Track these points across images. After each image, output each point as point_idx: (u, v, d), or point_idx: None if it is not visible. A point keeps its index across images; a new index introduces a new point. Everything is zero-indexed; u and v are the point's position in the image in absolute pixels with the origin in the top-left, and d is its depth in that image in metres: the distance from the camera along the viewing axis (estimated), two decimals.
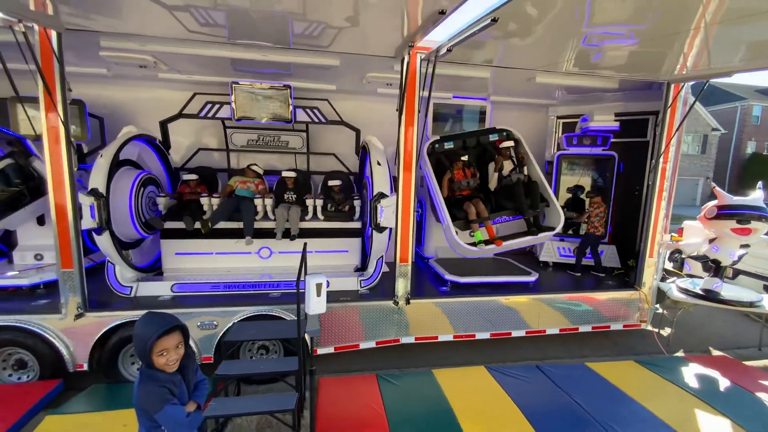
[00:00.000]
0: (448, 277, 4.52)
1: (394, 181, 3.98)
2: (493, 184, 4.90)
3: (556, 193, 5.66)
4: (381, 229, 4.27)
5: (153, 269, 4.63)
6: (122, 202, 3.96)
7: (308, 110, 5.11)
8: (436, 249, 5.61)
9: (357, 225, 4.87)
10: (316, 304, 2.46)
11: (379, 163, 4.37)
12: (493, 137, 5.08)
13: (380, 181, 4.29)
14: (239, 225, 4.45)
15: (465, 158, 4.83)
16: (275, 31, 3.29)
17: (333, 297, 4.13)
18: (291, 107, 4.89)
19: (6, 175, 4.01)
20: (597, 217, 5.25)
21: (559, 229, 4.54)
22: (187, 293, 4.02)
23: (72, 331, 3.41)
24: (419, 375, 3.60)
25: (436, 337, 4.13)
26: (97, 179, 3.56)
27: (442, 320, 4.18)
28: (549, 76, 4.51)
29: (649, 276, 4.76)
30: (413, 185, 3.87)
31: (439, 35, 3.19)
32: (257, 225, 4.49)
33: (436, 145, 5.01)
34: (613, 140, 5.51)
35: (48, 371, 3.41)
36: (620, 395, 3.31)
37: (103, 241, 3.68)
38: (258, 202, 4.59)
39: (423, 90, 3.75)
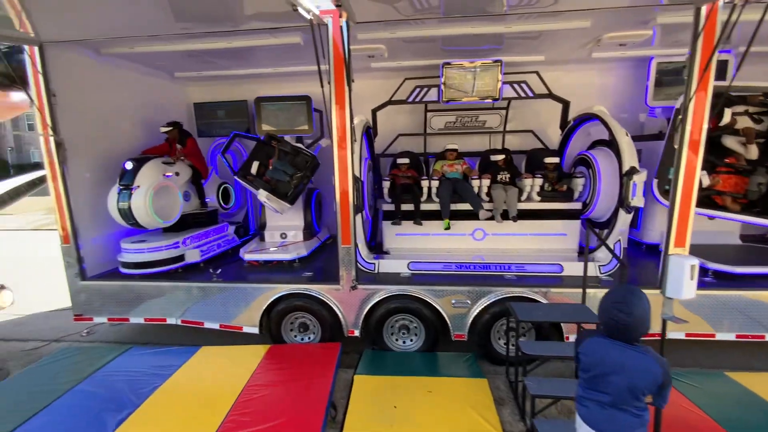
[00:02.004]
0: (713, 265, 3.83)
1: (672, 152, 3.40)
2: None
3: None
4: (630, 209, 3.82)
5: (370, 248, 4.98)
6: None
7: (515, 85, 4.83)
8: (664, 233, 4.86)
9: (577, 206, 4.48)
10: (687, 288, 2.21)
11: (626, 134, 3.89)
12: None
13: (630, 154, 3.82)
14: (454, 207, 4.45)
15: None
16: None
17: (568, 282, 3.87)
18: (500, 83, 4.68)
19: (284, 166, 4.60)
20: None
21: None
22: (423, 271, 4.18)
23: (347, 301, 3.82)
24: (712, 376, 3.11)
25: (714, 335, 3.54)
26: (355, 166, 3.86)
27: (717, 315, 3.56)
28: None
29: None
30: (700, 155, 3.27)
31: None
32: (461, 207, 4.43)
33: None
34: None
35: (327, 335, 3.89)
36: None
37: (358, 221, 4.01)
38: (475, 183, 4.53)
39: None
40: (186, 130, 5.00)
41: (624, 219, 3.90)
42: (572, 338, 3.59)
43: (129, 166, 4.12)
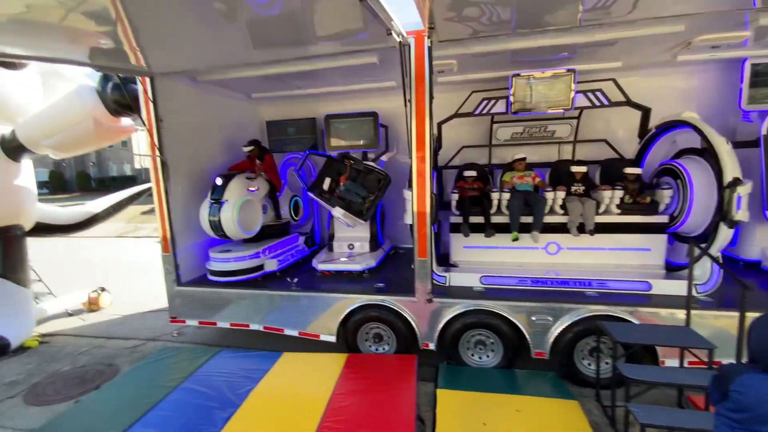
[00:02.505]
0: None
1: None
2: None
3: None
4: (733, 224, 3.51)
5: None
6: None
7: (589, 94, 4.67)
8: (766, 249, 4.42)
9: (663, 219, 4.20)
10: None
11: (727, 142, 3.61)
12: None
13: (731, 164, 3.53)
14: (524, 220, 4.35)
15: None
16: (563, 12, 2.97)
17: (657, 301, 3.62)
18: (573, 93, 4.54)
19: (357, 187, 4.79)
20: None
21: None
22: (496, 285, 4.12)
23: (422, 314, 3.86)
24: None
25: None
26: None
27: None
28: None
29: None
30: None
31: None
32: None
33: None
34: None
35: (402, 346, 3.95)
36: None
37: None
38: (549, 196, 4.41)
39: None
40: (264, 146, 5.37)
41: (725, 234, 3.59)
42: (669, 363, 3.34)
43: (219, 182, 4.50)
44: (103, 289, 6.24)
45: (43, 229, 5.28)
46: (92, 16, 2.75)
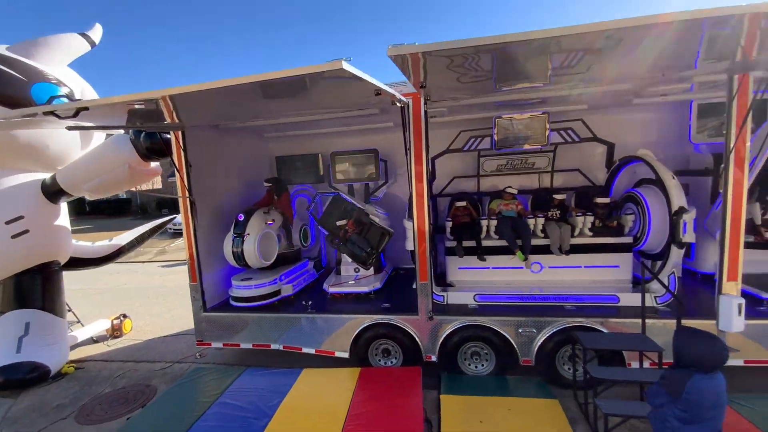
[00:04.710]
0: (767, 295, 4.08)
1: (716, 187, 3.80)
2: None
3: None
4: (682, 245, 4.19)
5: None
6: None
7: (562, 131, 5.41)
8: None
9: (628, 240, 4.87)
10: (736, 323, 2.64)
11: (673, 177, 4.32)
12: None
13: (677, 195, 4.23)
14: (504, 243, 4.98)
15: None
16: (536, 70, 3.61)
17: (625, 312, 4.25)
18: (547, 131, 5.27)
19: (361, 242, 5.34)
20: None
21: None
22: (489, 302, 4.72)
23: (424, 329, 4.43)
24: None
25: None
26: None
27: None
28: None
29: None
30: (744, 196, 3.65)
31: None
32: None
33: None
34: None
35: (408, 359, 4.50)
36: None
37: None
38: (530, 222, 5.07)
39: None
40: (284, 183, 6.00)
41: (677, 254, 4.27)
42: (634, 364, 3.96)
43: (242, 217, 5.08)
44: (125, 316, 6.69)
45: (75, 263, 5.78)
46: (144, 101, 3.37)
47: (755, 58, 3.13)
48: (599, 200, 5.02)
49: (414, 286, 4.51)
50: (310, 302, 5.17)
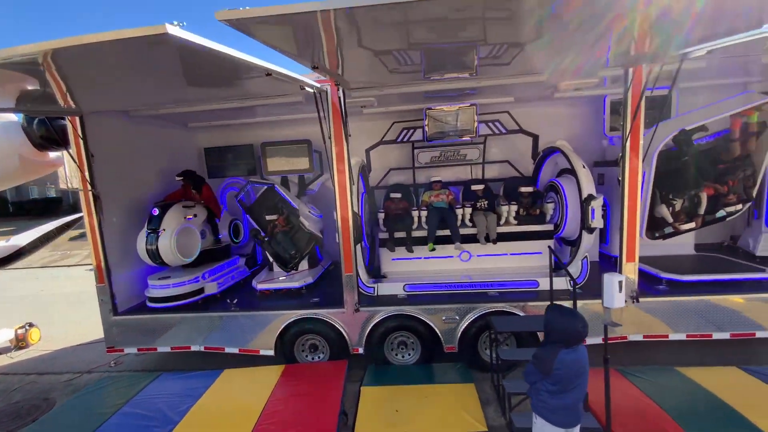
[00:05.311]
0: (665, 275, 4.44)
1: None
2: None
3: None
4: (591, 230, 4.44)
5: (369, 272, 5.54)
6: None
7: (489, 123, 5.55)
8: None
9: (549, 227, 5.10)
10: (617, 299, 2.79)
11: (583, 167, 4.56)
12: None
13: (587, 184, 4.47)
14: (441, 233, 5.04)
15: None
16: (464, 60, 3.68)
17: (543, 296, 4.44)
18: (476, 123, 5.38)
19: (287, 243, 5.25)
20: None
21: None
22: (418, 292, 4.74)
23: (351, 323, 4.35)
24: (664, 371, 3.66)
25: (667, 336, 4.11)
26: (354, 204, 4.48)
27: (669, 319, 4.14)
28: None
29: None
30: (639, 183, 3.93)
31: None
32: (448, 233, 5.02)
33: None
34: None
35: (335, 353, 4.40)
36: None
37: (358, 251, 4.58)
38: (459, 212, 5.15)
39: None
40: (200, 176, 5.61)
41: (587, 239, 4.52)
42: None
43: (156, 212, 4.69)
44: (31, 325, 6.00)
45: None
46: (20, 66, 2.95)
47: (645, 52, 3.36)
48: (523, 189, 5.20)
49: None
50: (235, 300, 4.92)
